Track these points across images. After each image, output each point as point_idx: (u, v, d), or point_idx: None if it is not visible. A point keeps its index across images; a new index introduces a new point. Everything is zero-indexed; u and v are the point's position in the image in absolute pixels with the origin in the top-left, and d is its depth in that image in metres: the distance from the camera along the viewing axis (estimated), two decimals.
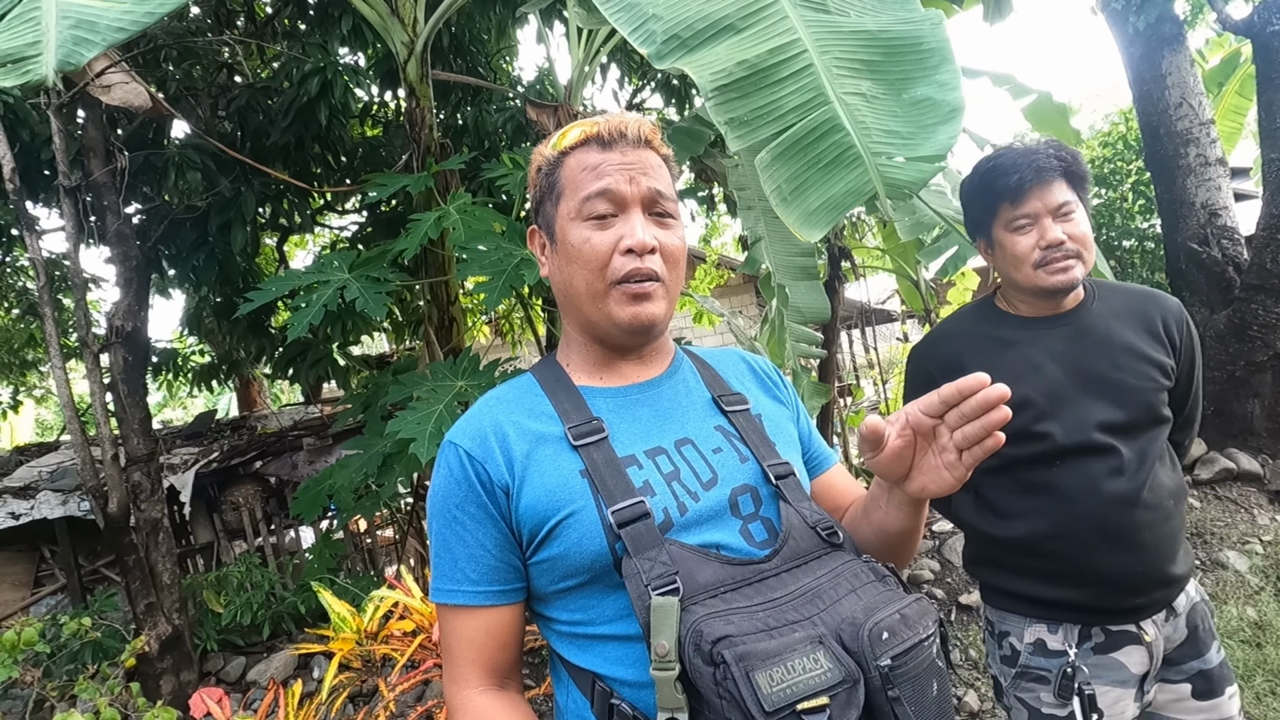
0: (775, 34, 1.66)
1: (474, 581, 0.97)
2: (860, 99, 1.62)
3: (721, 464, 1.01)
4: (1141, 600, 1.51)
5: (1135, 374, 1.53)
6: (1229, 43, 8.34)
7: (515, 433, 1.00)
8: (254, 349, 6.29)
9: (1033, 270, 1.53)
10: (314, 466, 5.16)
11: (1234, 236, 4.88)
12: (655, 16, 1.66)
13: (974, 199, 1.61)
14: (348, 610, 2.69)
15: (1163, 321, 1.58)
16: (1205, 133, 4.97)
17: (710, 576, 0.87)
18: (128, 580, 3.61)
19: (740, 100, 1.61)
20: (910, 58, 1.67)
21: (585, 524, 0.93)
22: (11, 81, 1.64)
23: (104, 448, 3.49)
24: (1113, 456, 1.49)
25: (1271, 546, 3.86)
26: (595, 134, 1.02)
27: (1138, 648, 1.51)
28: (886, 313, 12.57)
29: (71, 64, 1.65)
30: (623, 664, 0.93)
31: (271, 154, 4.73)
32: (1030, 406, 1.52)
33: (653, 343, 1.08)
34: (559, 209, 1.03)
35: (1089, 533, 1.49)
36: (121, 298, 3.65)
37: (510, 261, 2.94)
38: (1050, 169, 1.49)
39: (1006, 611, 1.61)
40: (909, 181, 1.58)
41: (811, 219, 1.58)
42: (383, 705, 2.58)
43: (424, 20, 3.74)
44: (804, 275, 3.21)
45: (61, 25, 1.66)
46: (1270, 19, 4.40)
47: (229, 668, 3.91)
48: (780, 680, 0.76)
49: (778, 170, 1.59)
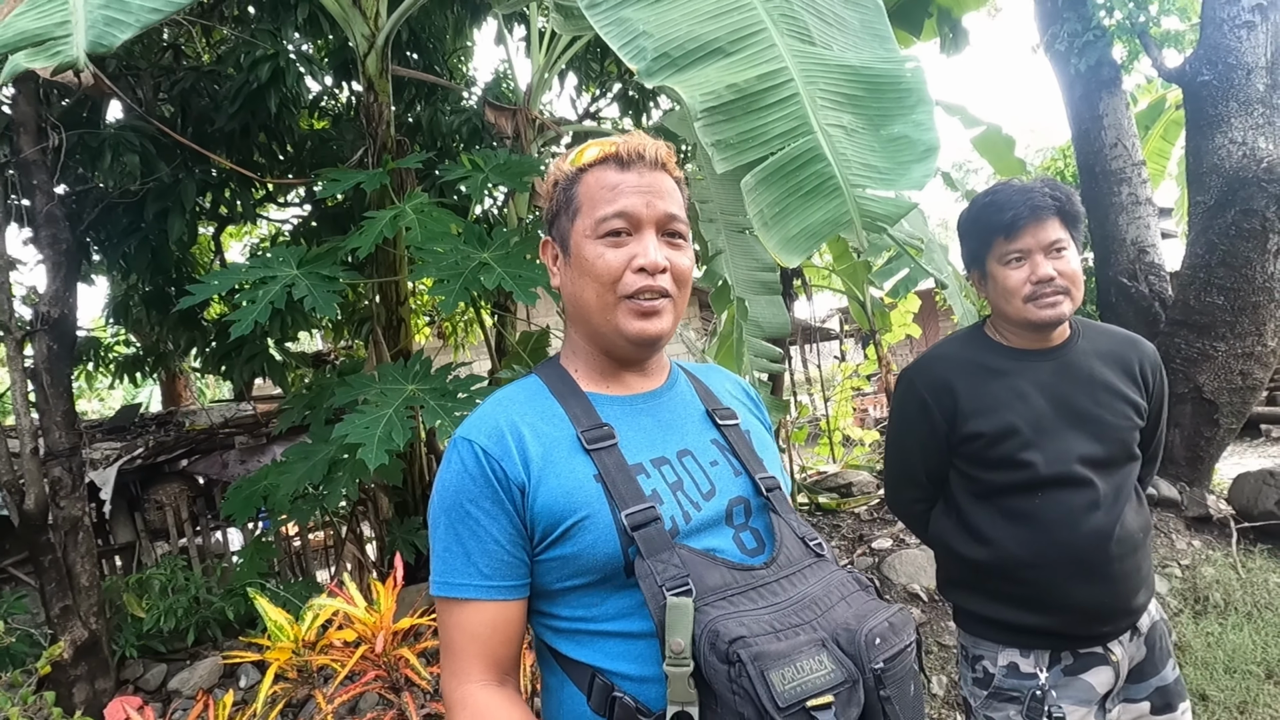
0: (764, 61, 1.68)
1: (486, 576, 0.99)
2: (841, 131, 1.65)
3: (718, 476, 1.07)
4: (1108, 628, 1.58)
5: (1114, 412, 1.60)
6: (1157, 88, 8.77)
7: (530, 434, 1.02)
8: (184, 341, 6.06)
9: (1022, 304, 1.58)
10: (245, 466, 4.97)
11: (1160, 273, 5.12)
12: (646, 33, 1.67)
13: (970, 232, 1.65)
14: (285, 618, 2.59)
15: (1139, 365, 1.66)
16: (1137, 173, 5.20)
17: (718, 580, 0.93)
18: (42, 582, 3.42)
19: (728, 123, 1.62)
20: (890, 95, 1.71)
21: (600, 527, 0.97)
22: (40, 64, 1.53)
23: (23, 440, 3.31)
24: (1090, 490, 1.55)
25: (1189, 570, 4.06)
26: (614, 154, 1.06)
27: (1105, 667, 1.58)
28: (826, 331, 12.82)
29: (103, 45, 1.56)
30: (625, 659, 0.97)
31: (214, 141, 4.56)
32: (1015, 434, 1.57)
33: (655, 355, 1.13)
34: (575, 224, 1.06)
35: (1065, 564, 1.54)
36: (49, 283, 3.47)
37: (468, 264, 2.89)
38: (1045, 207, 1.54)
39: (980, 638, 1.66)
40: (884, 215, 1.62)
41: (791, 244, 1.60)
42: (320, 718, 2.50)
43: (386, 14, 3.66)
44: (764, 290, 3.25)
45: (91, 5, 1.56)
46: (1200, 69, 4.64)
47: (148, 675, 3.73)
48: (791, 679, 0.82)
49: (761, 195, 1.61)
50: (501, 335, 4.72)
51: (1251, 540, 4.42)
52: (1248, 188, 4.37)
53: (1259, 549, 4.32)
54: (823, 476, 6.10)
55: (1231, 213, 4.42)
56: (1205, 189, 4.60)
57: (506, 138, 4.56)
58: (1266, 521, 4.40)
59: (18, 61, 1.54)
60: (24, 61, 1.54)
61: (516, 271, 2.86)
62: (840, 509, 5.40)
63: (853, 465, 6.73)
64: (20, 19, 1.60)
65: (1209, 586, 3.88)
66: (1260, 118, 4.46)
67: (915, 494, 1.77)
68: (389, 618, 2.51)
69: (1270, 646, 3.31)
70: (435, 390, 2.93)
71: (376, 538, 4.31)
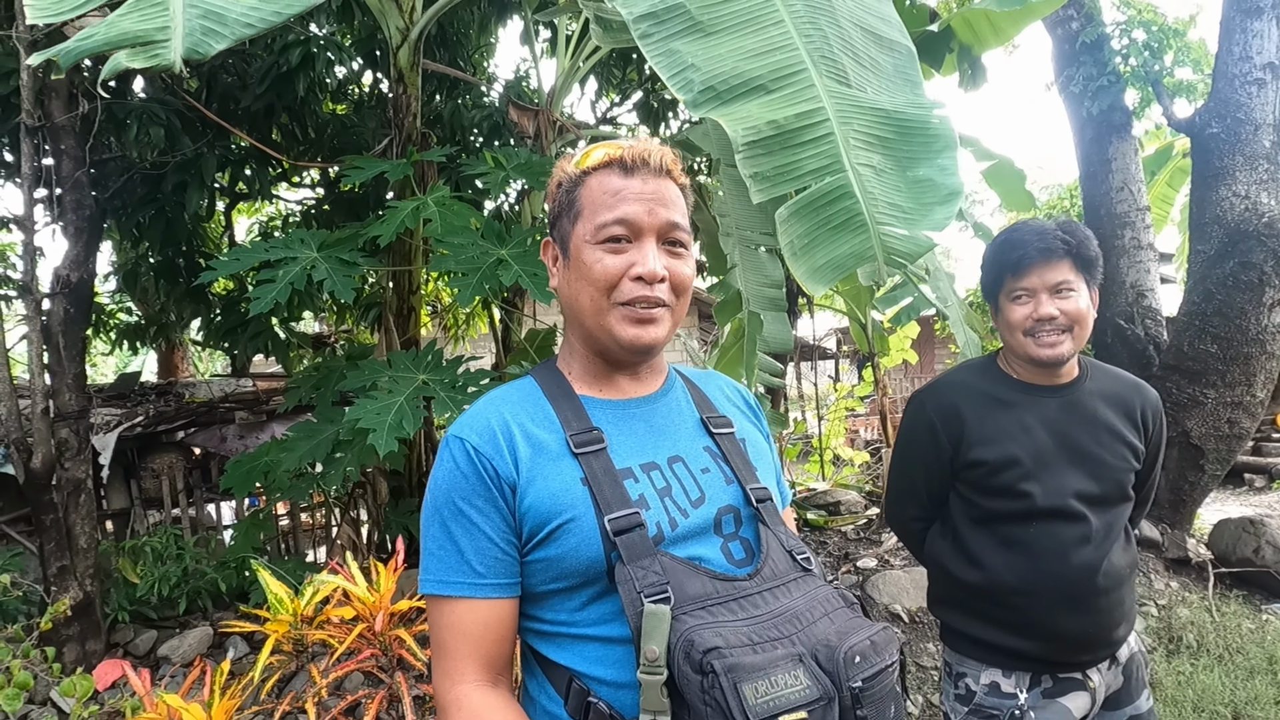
0: (803, 100, 1.76)
1: (479, 574, 0.98)
2: (871, 170, 1.73)
3: (709, 484, 1.05)
4: (1088, 657, 1.66)
5: (1113, 453, 1.67)
6: (1165, 135, 8.90)
7: (521, 434, 1.02)
8: (188, 314, 6.09)
9: (1023, 338, 1.65)
10: (244, 442, 5.01)
11: (1157, 318, 5.22)
12: (694, 66, 1.74)
13: (987, 267, 1.73)
14: (285, 592, 2.64)
15: (1141, 411, 1.73)
16: (1141, 218, 5.31)
17: (698, 589, 0.92)
18: (42, 541, 3.47)
19: (766, 157, 1.70)
20: (918, 139, 1.79)
21: (584, 530, 0.96)
22: (140, 63, 1.60)
23: (35, 400, 3.35)
24: (1083, 525, 1.63)
25: (1165, 610, 4.15)
26: (618, 158, 1.05)
27: (1082, 693, 1.65)
28: (823, 350, 12.93)
29: (199, 53, 1.63)
30: (602, 664, 0.96)
31: (237, 119, 4.61)
32: (1017, 465, 1.64)
33: (650, 361, 1.12)
34: (575, 228, 1.05)
35: (1052, 593, 1.62)
36: (70, 247, 3.52)
37: (486, 260, 2.95)
38: (1054, 250, 1.61)
39: (965, 656, 1.73)
40: (906, 253, 1.69)
41: (817, 274, 1.68)
42: (314, 692, 2.56)
43: (421, 9, 3.72)
44: (771, 306, 3.33)
45: (189, 14, 1.63)
46: (1210, 121, 4.75)
47: (138, 640, 3.77)
48: (764, 693, 0.80)
49: (792, 226, 1.69)
50: (508, 331, 4.78)
51: (1228, 585, 4.51)
52: (1248, 240, 4.47)
53: (1234, 594, 4.42)
54: (811, 493, 6.18)
55: (1230, 264, 4.52)
56: (1206, 239, 4.70)
57: (527, 137, 4.63)
58: (1244, 568, 4.50)
59: (119, 59, 1.61)
60: (125, 60, 1.61)
61: (533, 270, 2.91)
62: (828, 526, 5.48)
63: (841, 484, 6.81)
64: (123, 19, 1.67)
65: (1183, 627, 3.96)
66: (1265, 173, 4.57)
67: (915, 512, 1.84)
68: (388, 598, 2.57)
69: (1239, 689, 3.39)
70: (446, 382, 2.99)
71: (371, 520, 4.36)
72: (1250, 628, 4.04)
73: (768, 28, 1.87)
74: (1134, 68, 5.24)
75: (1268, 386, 4.63)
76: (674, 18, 1.90)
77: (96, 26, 1.69)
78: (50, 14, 1.88)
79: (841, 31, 1.91)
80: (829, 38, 1.87)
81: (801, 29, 1.85)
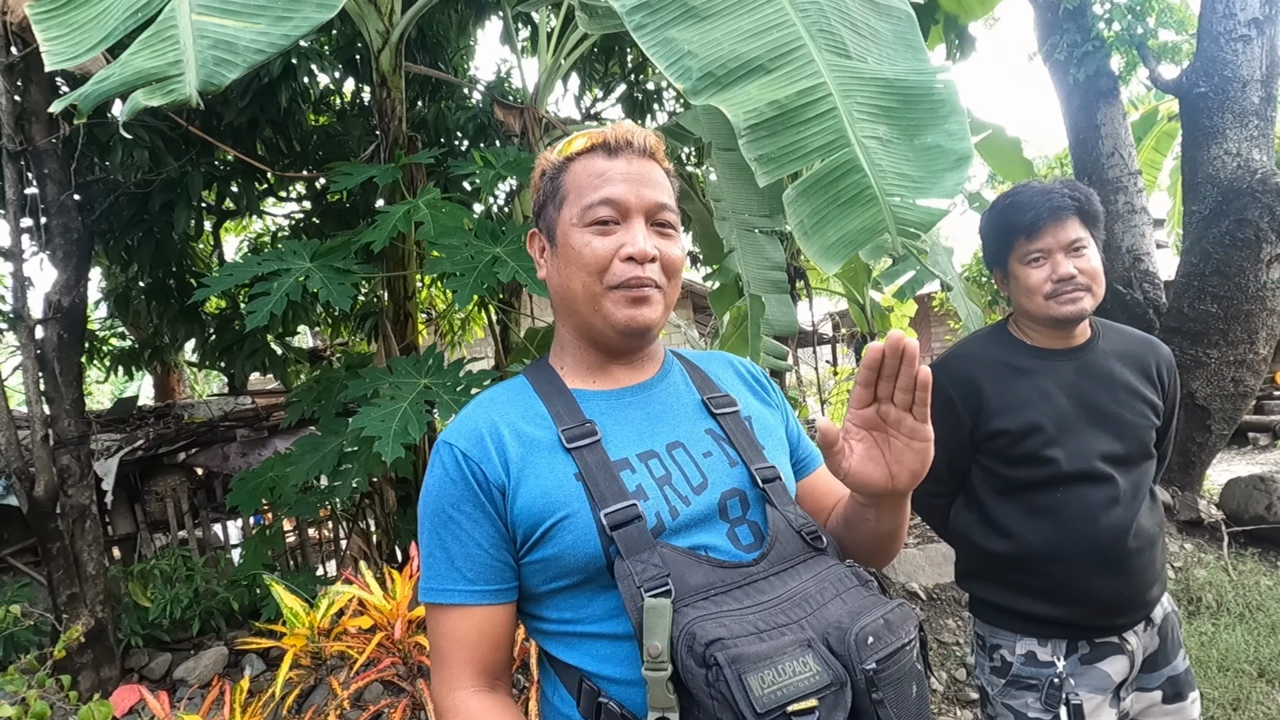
0: (803, 77, 1.73)
1: (470, 581, 0.97)
2: (877, 142, 1.70)
3: (711, 468, 1.02)
4: (1124, 620, 1.63)
5: (1133, 411, 1.65)
6: (1150, 100, 8.91)
7: (510, 434, 1.00)
8: (182, 335, 6.04)
9: (1044, 301, 1.62)
10: (247, 459, 4.98)
11: (1155, 281, 5.22)
12: (691, 53, 1.71)
13: (991, 233, 1.70)
14: (300, 605, 2.62)
15: (1156, 367, 1.71)
16: (1133, 182, 5.30)
17: (701, 579, 0.89)
18: (50, 569, 3.43)
19: (769, 139, 1.67)
20: (923, 106, 1.76)
21: (580, 527, 0.94)
22: (157, 101, 1.57)
23: (34, 428, 3.31)
24: (1111, 486, 1.60)
25: (1181, 572, 4.14)
26: (601, 142, 1.03)
27: (1120, 656, 1.63)
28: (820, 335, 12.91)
29: (213, 84, 1.60)
30: (610, 662, 0.94)
31: (221, 134, 4.57)
32: (1039, 432, 1.61)
33: (646, 347, 1.09)
34: (561, 213, 1.03)
35: (1084, 557, 1.59)
36: (60, 273, 3.48)
37: (482, 259, 2.92)
38: (1065, 207, 1.59)
39: (999, 627, 1.71)
40: (918, 223, 1.67)
41: (829, 252, 1.66)
42: (335, 704, 2.53)
43: (400, 11, 3.69)
44: (774, 289, 3.30)
45: (200, 45, 1.59)
46: (1197, 81, 4.74)
47: (153, 664, 3.74)
48: (771, 683, 0.78)
49: (801, 205, 1.66)
50: (506, 330, 4.74)
51: (1242, 544, 4.52)
52: (1242, 198, 4.46)
53: (1249, 552, 4.42)
54: None
55: (1226, 222, 4.51)
56: (1200, 199, 4.69)
57: (514, 135, 4.59)
58: (1256, 525, 4.50)
59: (137, 99, 1.58)
60: (142, 99, 1.58)
61: (529, 265, 2.89)
62: None
63: None
64: (135, 58, 1.64)
65: (1201, 588, 3.96)
66: (1255, 129, 4.56)
67: (936, 489, 1.81)
68: (405, 605, 2.54)
69: (1261, 646, 3.39)
70: (449, 385, 2.96)
71: (379, 530, 4.33)
72: (1268, 584, 4.04)
73: (762, 6, 1.83)
74: (1117, 32, 5.22)
75: (1270, 343, 4.63)
76: (667, 5, 1.86)
77: (112, 68, 1.66)
78: (67, 58, 1.85)
79: (838, 2, 1.87)
80: (825, 10, 1.84)
81: (797, 4, 1.81)
